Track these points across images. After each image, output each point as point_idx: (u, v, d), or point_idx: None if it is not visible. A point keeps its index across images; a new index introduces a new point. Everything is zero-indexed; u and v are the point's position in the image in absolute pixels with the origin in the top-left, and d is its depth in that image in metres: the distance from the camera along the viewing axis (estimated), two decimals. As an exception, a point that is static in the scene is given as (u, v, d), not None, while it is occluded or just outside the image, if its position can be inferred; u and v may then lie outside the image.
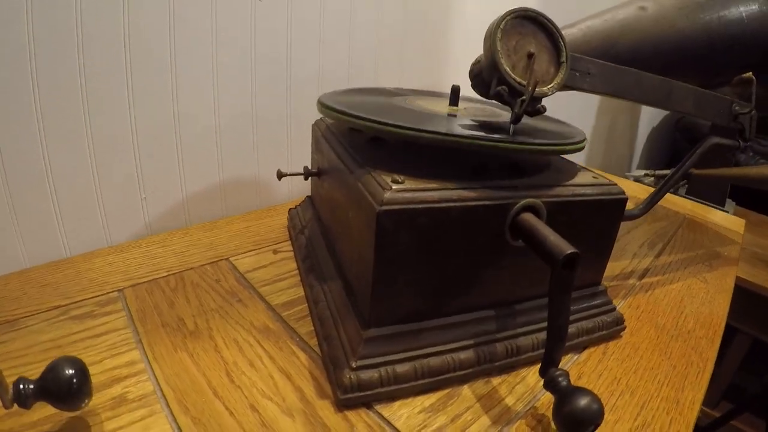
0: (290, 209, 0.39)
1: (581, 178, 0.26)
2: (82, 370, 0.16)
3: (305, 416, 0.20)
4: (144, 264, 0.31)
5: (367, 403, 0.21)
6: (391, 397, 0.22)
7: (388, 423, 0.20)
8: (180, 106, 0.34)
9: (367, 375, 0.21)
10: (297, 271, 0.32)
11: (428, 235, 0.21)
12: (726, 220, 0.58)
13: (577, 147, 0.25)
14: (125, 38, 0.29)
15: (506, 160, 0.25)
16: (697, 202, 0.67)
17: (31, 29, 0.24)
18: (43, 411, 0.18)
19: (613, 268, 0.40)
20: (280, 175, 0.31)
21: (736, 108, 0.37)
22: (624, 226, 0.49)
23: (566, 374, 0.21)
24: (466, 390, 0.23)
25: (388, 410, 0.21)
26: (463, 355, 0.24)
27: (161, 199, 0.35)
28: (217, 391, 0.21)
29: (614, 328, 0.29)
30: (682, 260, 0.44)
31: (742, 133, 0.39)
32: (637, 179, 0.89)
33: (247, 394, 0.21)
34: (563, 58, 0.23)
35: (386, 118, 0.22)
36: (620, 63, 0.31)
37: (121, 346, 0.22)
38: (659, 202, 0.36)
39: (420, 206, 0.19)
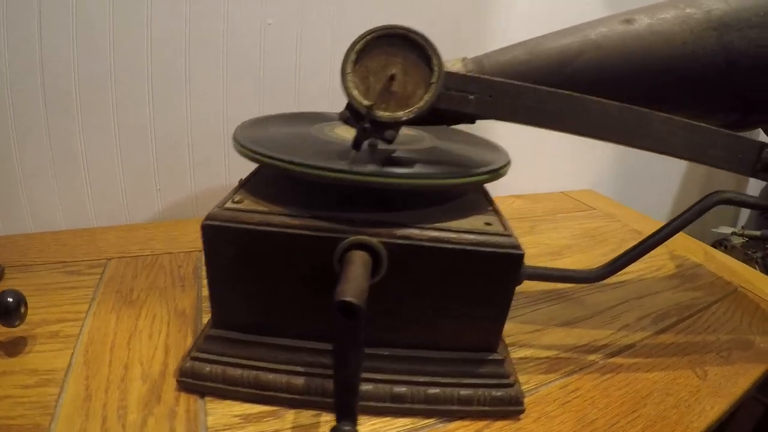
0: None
1: (469, 222, 0.24)
2: (19, 301, 0.25)
3: (152, 384, 0.26)
4: (139, 243, 0.41)
5: (202, 393, 0.25)
6: (222, 395, 0.25)
7: (204, 413, 0.24)
8: (192, 111, 0.43)
9: (201, 367, 0.25)
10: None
11: (252, 254, 0.23)
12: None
13: (442, 183, 0.23)
14: (148, 51, 0.39)
15: (374, 192, 0.24)
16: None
17: (74, 46, 0.37)
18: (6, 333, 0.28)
19: (580, 336, 0.34)
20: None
21: None
22: (635, 289, 0.42)
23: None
24: (291, 415, 0.25)
25: (212, 404, 0.25)
26: (294, 380, 0.25)
27: (173, 191, 0.46)
28: (113, 347, 0.28)
29: (505, 407, 0.25)
30: (690, 343, 0.35)
31: None
32: (720, 239, 0.65)
33: (130, 356, 0.28)
34: (434, 79, 0.22)
35: (265, 148, 0.24)
36: (573, 87, 0.26)
37: (80, 299, 0.32)
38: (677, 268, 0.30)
39: (239, 225, 0.22)
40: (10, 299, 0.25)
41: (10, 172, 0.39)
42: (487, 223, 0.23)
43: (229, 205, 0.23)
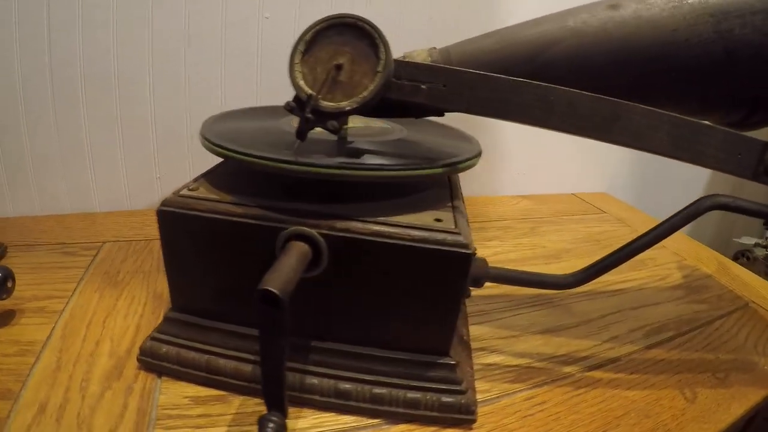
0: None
1: (418, 217, 0.23)
2: (6, 276, 0.28)
3: (117, 361, 0.27)
4: (135, 228, 0.43)
5: (160, 372, 0.26)
6: (177, 376, 0.26)
7: (158, 392, 0.25)
8: (192, 103, 0.45)
9: (158, 347, 0.26)
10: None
11: (202, 241, 0.23)
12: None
13: (378, 175, 0.22)
14: (149, 46, 0.41)
15: (325, 183, 0.23)
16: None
17: (81, 42, 0.39)
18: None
19: (560, 345, 0.32)
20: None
21: None
22: (633, 298, 0.40)
23: (280, 424, 0.21)
24: (238, 401, 0.25)
25: (168, 384, 0.26)
26: (242, 367, 0.25)
27: (173, 179, 0.48)
28: (90, 324, 0.30)
29: (454, 415, 0.24)
30: (684, 361, 0.32)
31: None
32: (742, 250, 0.59)
33: (103, 333, 0.29)
34: (380, 68, 0.21)
35: (218, 136, 0.25)
36: (546, 78, 0.25)
37: (70, 278, 0.34)
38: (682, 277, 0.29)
39: (189, 212, 0.23)
40: (-1, 273, 0.28)
41: (21, 159, 0.42)
42: (438, 219, 0.22)
43: (184, 192, 0.24)
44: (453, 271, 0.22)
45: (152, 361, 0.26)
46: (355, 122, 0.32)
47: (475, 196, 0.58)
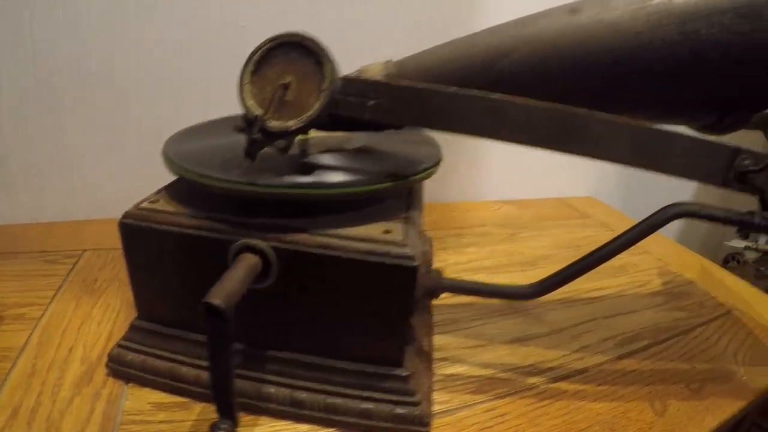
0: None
1: (367, 229, 0.23)
2: None
3: (88, 367, 0.28)
4: (114, 236, 0.42)
5: (127, 379, 0.28)
6: (142, 383, 0.27)
7: (124, 398, 0.26)
8: (174, 112, 0.46)
9: (125, 354, 0.27)
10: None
11: (160, 252, 0.25)
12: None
13: (340, 192, 0.23)
14: (131, 55, 0.43)
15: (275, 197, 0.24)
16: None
17: (66, 51, 0.41)
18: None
19: (527, 355, 0.32)
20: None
21: (746, 162, 0.25)
22: (609, 306, 0.40)
23: (229, 431, 0.22)
24: (199, 407, 0.26)
25: (134, 390, 0.27)
26: (203, 375, 0.26)
27: (154, 187, 0.51)
28: (65, 331, 0.32)
29: (407, 426, 0.24)
30: (657, 371, 0.32)
31: (764, 201, 0.25)
32: (733, 253, 0.60)
33: (77, 340, 0.31)
34: (324, 86, 0.22)
35: (175, 153, 0.26)
36: (503, 87, 0.25)
37: (50, 286, 0.36)
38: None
39: (147, 225, 0.24)
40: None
41: (6, 167, 0.44)
42: (387, 231, 0.23)
43: (144, 204, 0.26)
44: (399, 284, 0.22)
45: (119, 368, 0.28)
46: (316, 131, 0.33)
47: (455, 202, 0.58)
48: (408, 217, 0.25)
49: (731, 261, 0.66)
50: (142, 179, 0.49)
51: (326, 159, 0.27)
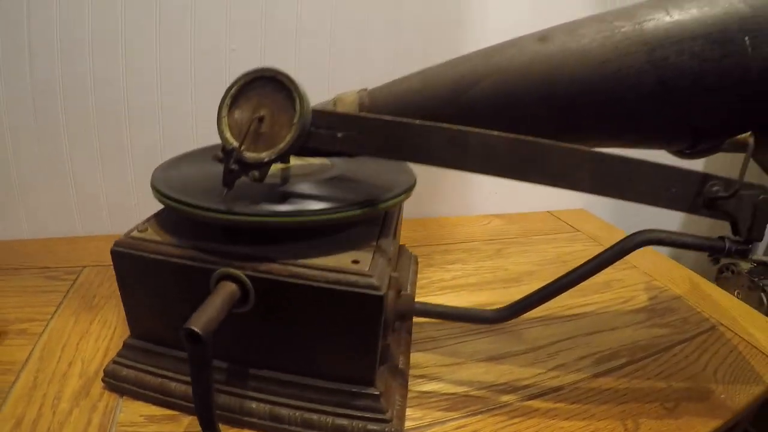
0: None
1: (337, 259, 0.25)
2: None
3: (86, 381, 0.31)
4: None
5: (121, 392, 0.30)
6: (135, 397, 0.30)
7: (119, 410, 0.29)
8: (165, 132, 0.49)
9: (119, 370, 0.30)
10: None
11: (149, 278, 0.27)
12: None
13: (312, 219, 0.25)
14: (123, 81, 0.46)
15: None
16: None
17: (61, 78, 0.45)
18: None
19: (502, 372, 0.34)
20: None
21: (715, 188, 0.26)
22: (590, 323, 0.42)
23: None
24: (187, 420, 0.29)
25: (128, 403, 0.29)
26: (191, 390, 0.30)
27: (148, 205, 0.54)
28: (65, 346, 0.34)
29: None
30: (633, 390, 0.33)
31: (736, 226, 0.27)
32: (727, 264, 0.64)
33: (75, 355, 0.33)
34: (295, 120, 0.24)
35: (166, 188, 0.28)
36: (469, 117, 0.27)
37: (50, 302, 0.39)
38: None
39: (137, 253, 0.26)
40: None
41: (9, 186, 0.48)
42: (355, 261, 0.25)
43: (134, 234, 0.28)
44: (366, 312, 0.24)
45: (114, 383, 0.30)
46: (296, 159, 0.35)
47: (446, 217, 0.60)
48: (378, 245, 0.28)
49: (726, 271, 0.67)
50: (136, 197, 0.53)
51: (302, 187, 0.29)
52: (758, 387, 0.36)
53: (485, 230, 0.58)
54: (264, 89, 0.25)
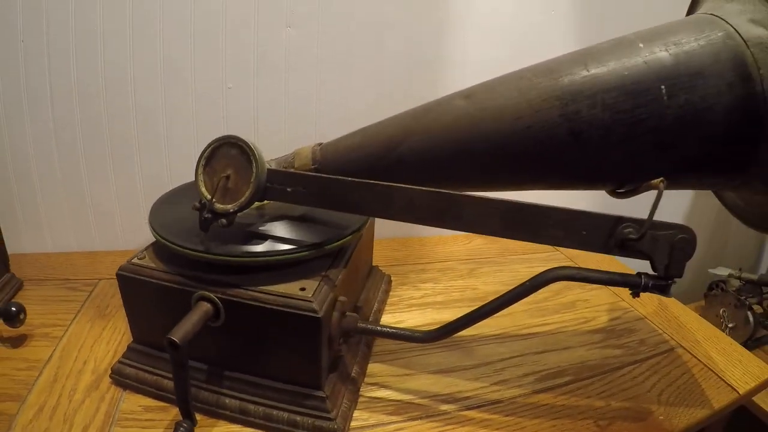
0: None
1: (288, 287, 0.33)
2: (20, 310, 0.41)
3: (97, 377, 0.40)
4: None
5: (124, 387, 0.39)
6: (136, 391, 0.38)
7: (122, 401, 0.37)
8: (172, 160, 0.59)
9: (124, 368, 0.39)
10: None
11: (147, 297, 0.35)
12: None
13: (268, 260, 0.34)
14: (133, 114, 0.56)
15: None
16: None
17: (78, 111, 0.56)
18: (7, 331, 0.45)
19: (448, 384, 0.39)
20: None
21: (626, 230, 0.29)
22: (544, 342, 0.46)
23: (188, 429, 0.33)
24: (175, 411, 0.36)
25: (129, 396, 0.38)
26: None
27: None
28: (81, 348, 0.44)
29: None
30: (569, 407, 0.37)
31: (653, 264, 0.30)
32: (716, 281, 0.66)
33: (89, 356, 0.42)
34: (252, 178, 0.32)
35: (158, 226, 0.37)
36: (400, 171, 0.34)
37: (70, 310, 0.48)
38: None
39: (136, 277, 0.35)
40: (14, 309, 0.42)
41: (35, 206, 0.58)
42: (302, 288, 0.33)
43: (134, 260, 0.38)
44: (308, 330, 0.32)
45: (119, 379, 0.40)
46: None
47: (428, 237, 0.66)
48: (326, 275, 0.36)
49: (715, 288, 0.70)
50: (145, 217, 0.63)
51: (269, 227, 0.37)
52: (703, 411, 0.39)
53: (464, 249, 0.64)
54: (230, 152, 0.33)
